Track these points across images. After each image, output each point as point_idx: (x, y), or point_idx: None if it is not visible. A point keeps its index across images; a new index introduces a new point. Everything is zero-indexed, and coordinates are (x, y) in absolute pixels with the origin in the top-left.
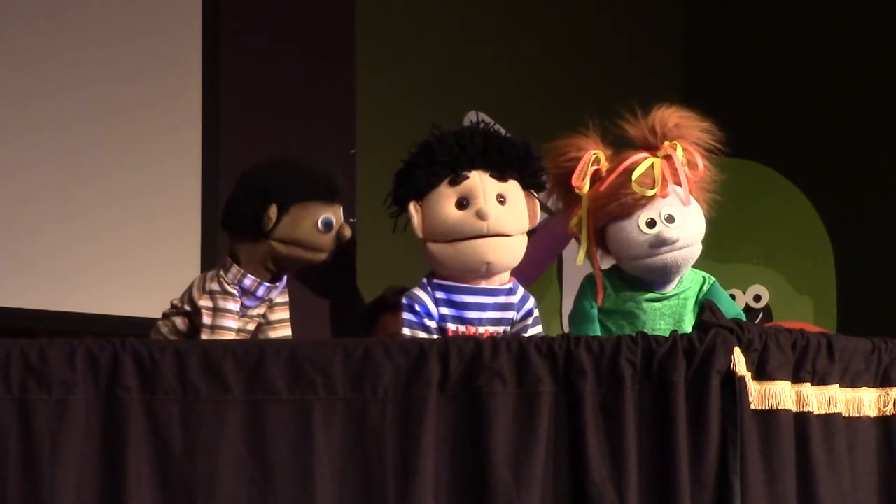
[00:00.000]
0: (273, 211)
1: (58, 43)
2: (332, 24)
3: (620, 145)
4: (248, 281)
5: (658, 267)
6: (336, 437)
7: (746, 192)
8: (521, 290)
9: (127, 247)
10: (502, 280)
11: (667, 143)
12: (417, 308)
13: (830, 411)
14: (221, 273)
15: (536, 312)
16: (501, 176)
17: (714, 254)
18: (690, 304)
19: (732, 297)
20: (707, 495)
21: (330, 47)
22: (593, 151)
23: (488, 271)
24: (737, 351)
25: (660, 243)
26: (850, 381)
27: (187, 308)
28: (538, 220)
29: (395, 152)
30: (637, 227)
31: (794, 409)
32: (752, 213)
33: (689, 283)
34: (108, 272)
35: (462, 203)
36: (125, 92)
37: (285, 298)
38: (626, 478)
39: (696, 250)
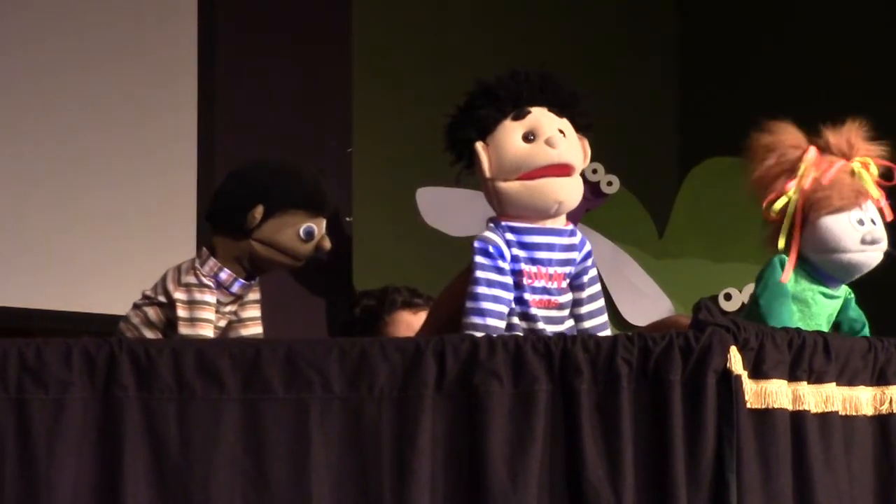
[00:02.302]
0: (259, 211)
1: (51, 40)
2: (329, 23)
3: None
4: (224, 275)
5: (858, 262)
6: (332, 436)
7: (743, 192)
8: (578, 233)
9: (123, 246)
10: (563, 221)
11: (859, 157)
12: (492, 250)
13: (827, 410)
14: (197, 265)
15: (593, 255)
16: (559, 112)
17: (711, 253)
18: (838, 310)
19: (728, 295)
20: (703, 494)
21: (326, 46)
22: (812, 147)
23: (558, 211)
24: (733, 349)
25: (872, 240)
26: (848, 380)
27: (161, 299)
28: (587, 162)
29: (391, 151)
30: (849, 222)
31: (790, 407)
32: (748, 212)
33: (842, 292)
34: (105, 271)
35: (528, 137)
36: (120, 91)
37: (257, 296)
38: (622, 476)
39: (881, 258)
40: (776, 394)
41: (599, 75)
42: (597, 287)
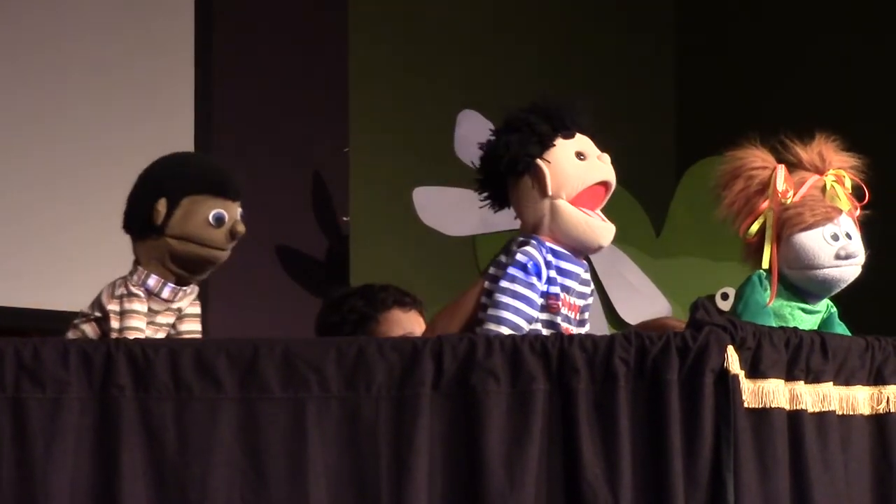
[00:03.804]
0: (162, 205)
1: (45, 35)
2: (325, 23)
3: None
4: (152, 281)
5: (833, 277)
6: (330, 436)
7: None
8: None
9: (121, 246)
10: (583, 256)
11: (833, 171)
12: (530, 267)
13: (824, 409)
14: (128, 276)
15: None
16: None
17: (708, 252)
18: (820, 324)
19: (725, 295)
20: (700, 493)
21: (322, 46)
22: (781, 166)
23: (594, 252)
24: (730, 349)
25: (846, 255)
26: (845, 380)
27: (97, 314)
28: None
29: (388, 151)
30: (823, 238)
31: (787, 407)
32: None
33: (822, 306)
34: (103, 271)
35: (580, 155)
36: (118, 93)
37: (196, 310)
38: (619, 476)
39: (859, 272)
40: (773, 393)
41: (597, 74)
42: (588, 324)
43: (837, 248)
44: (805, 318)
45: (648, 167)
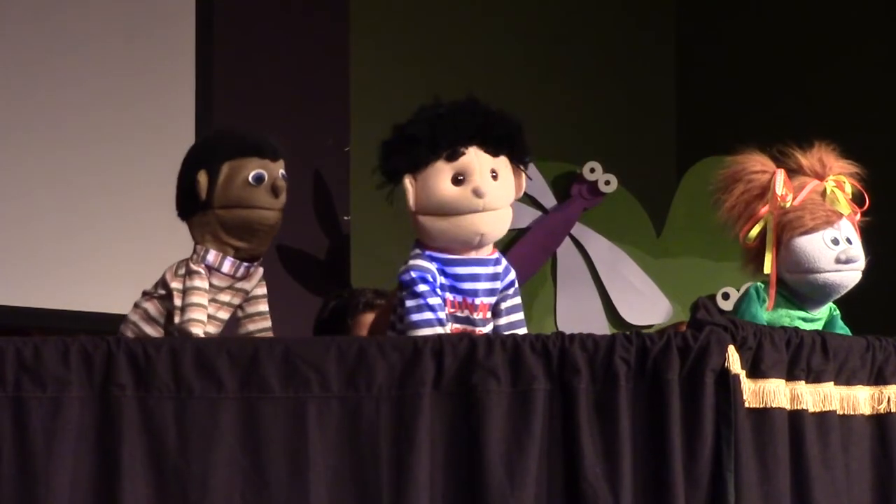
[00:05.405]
0: (202, 176)
1: (46, 36)
2: (326, 21)
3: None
4: (211, 256)
5: (833, 282)
6: (330, 435)
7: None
8: (504, 261)
9: (121, 244)
10: (489, 251)
11: (833, 176)
12: (430, 278)
13: (825, 409)
14: (190, 256)
15: (516, 284)
16: (494, 152)
17: (708, 252)
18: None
19: (726, 294)
20: (701, 493)
21: (324, 44)
22: (780, 170)
23: (480, 243)
24: (731, 349)
25: (846, 259)
26: (846, 380)
27: (161, 292)
28: (521, 193)
29: None
30: (823, 242)
31: (788, 406)
32: None
33: (823, 313)
34: (103, 269)
35: (458, 179)
36: (117, 88)
37: (263, 291)
38: (620, 475)
39: (859, 277)
40: (774, 393)
41: (597, 74)
42: (517, 316)
43: (838, 252)
44: (805, 326)
45: (648, 167)
